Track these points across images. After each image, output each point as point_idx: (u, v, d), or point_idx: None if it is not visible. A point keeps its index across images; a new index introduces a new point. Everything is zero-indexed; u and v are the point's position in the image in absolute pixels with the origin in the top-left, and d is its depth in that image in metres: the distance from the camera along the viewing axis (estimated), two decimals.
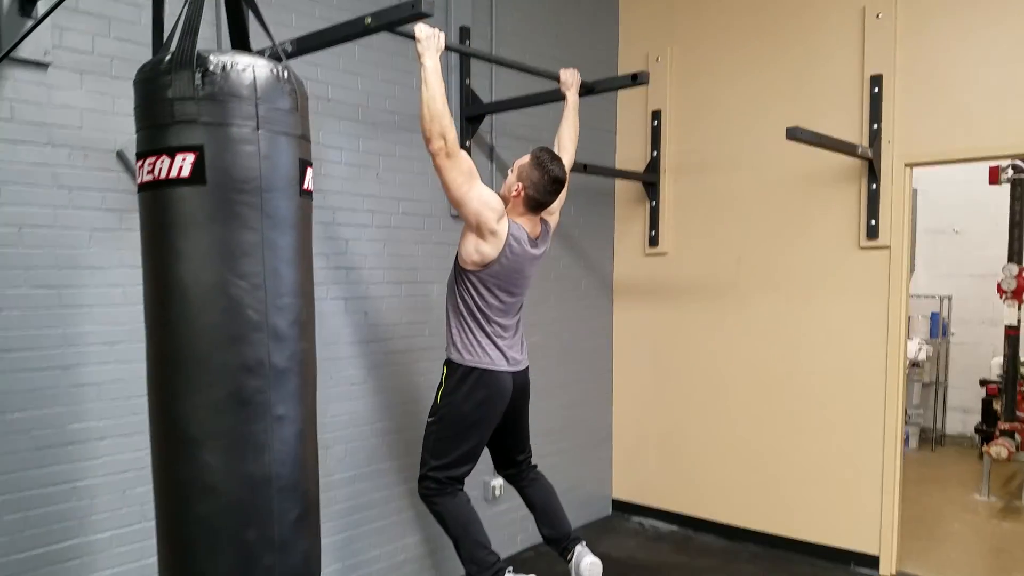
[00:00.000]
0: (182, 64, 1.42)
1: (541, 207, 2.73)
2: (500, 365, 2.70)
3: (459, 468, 2.74)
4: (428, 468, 2.74)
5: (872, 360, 3.58)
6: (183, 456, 1.44)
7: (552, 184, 2.67)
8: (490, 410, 2.71)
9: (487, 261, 2.60)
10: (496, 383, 2.70)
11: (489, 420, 2.74)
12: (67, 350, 2.28)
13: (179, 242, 1.42)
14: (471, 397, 2.68)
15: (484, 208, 2.54)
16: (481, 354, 2.67)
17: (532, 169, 2.66)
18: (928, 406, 6.39)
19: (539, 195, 2.67)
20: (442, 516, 2.75)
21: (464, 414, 2.69)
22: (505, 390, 2.73)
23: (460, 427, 2.70)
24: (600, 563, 2.83)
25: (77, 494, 2.32)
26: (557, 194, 2.73)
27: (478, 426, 2.72)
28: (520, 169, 2.70)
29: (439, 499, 2.74)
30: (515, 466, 3.00)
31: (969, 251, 6.24)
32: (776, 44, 3.82)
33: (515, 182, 2.69)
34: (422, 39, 2.42)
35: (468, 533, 2.71)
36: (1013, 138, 3.21)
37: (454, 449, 2.72)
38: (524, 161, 2.70)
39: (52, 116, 2.25)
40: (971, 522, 4.44)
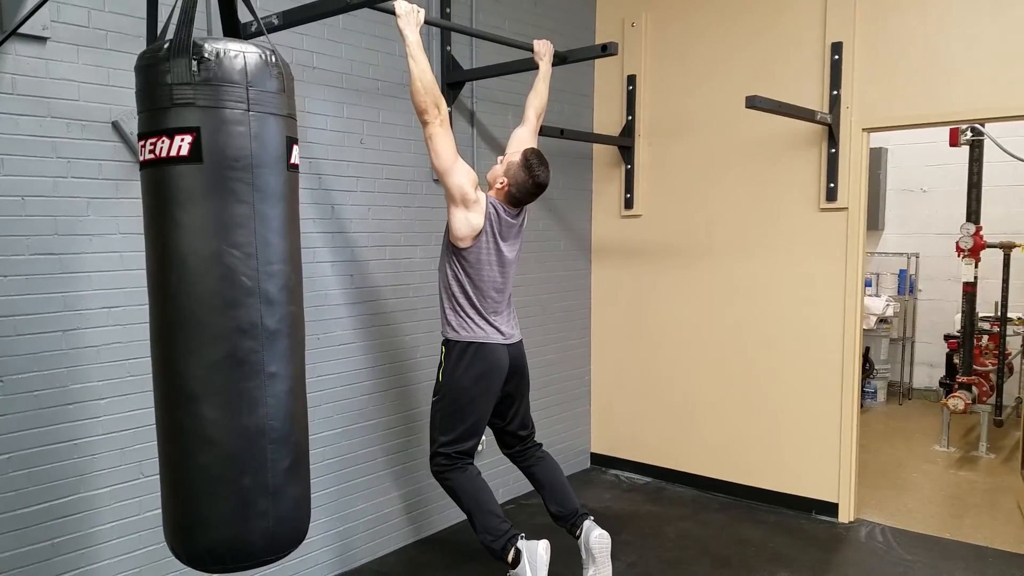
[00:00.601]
0: (179, 52, 1.54)
1: (519, 204, 2.89)
2: (494, 338, 2.85)
3: (466, 442, 2.88)
4: (438, 445, 2.88)
5: (831, 316, 3.77)
6: (185, 411, 1.59)
7: (535, 188, 2.83)
8: (489, 382, 2.86)
9: (477, 230, 2.75)
10: (492, 355, 2.85)
11: (489, 392, 2.88)
12: (68, 314, 2.41)
13: (178, 215, 1.56)
14: (470, 371, 2.82)
15: (465, 179, 2.70)
16: (476, 329, 2.83)
17: (520, 170, 2.80)
18: (896, 361, 6.62)
19: (520, 195, 2.84)
20: (455, 491, 2.89)
21: (465, 388, 2.83)
22: (502, 362, 2.87)
23: (463, 401, 2.84)
24: (608, 535, 2.93)
25: (78, 451, 2.46)
26: (536, 196, 2.89)
27: (479, 399, 2.86)
28: (509, 165, 2.84)
29: (451, 474, 2.87)
30: (520, 443, 3.10)
31: (936, 210, 6.41)
32: (745, 11, 3.93)
33: (502, 175, 2.84)
34: (402, 15, 2.53)
35: (480, 505, 2.84)
36: (966, 104, 3.36)
37: (459, 423, 2.85)
38: (514, 159, 2.83)
39: (51, 89, 2.34)
40: (929, 472, 4.66)
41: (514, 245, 2.93)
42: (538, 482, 3.11)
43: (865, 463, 4.68)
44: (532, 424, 3.16)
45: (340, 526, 3.28)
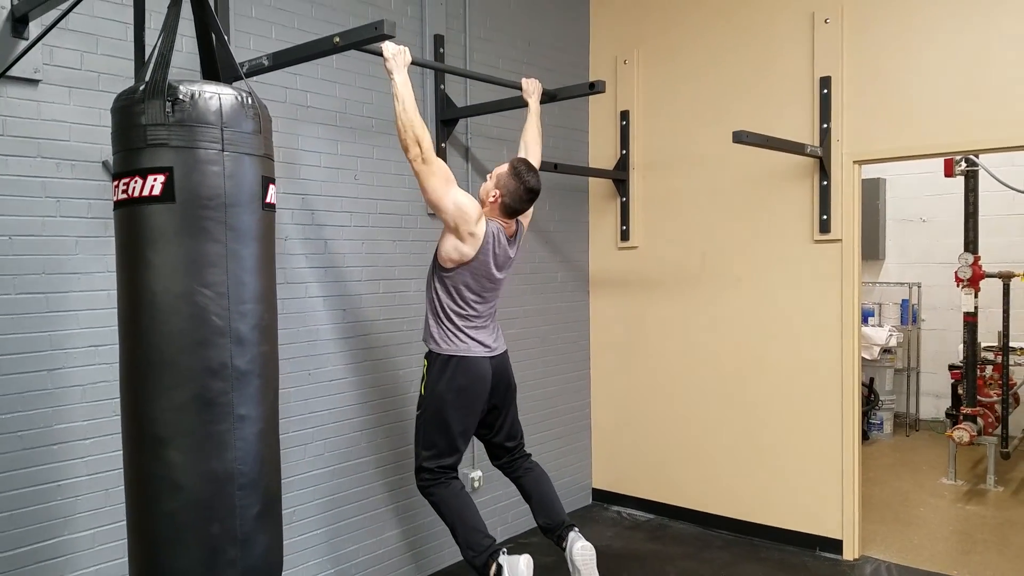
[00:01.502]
0: (154, 94, 1.56)
1: (516, 213, 2.90)
2: (477, 351, 2.85)
3: (450, 456, 2.88)
4: (421, 460, 2.88)
5: (829, 348, 3.73)
6: (151, 454, 1.58)
7: (527, 193, 2.84)
8: (472, 395, 2.86)
9: (466, 259, 2.75)
10: (475, 368, 2.84)
11: (472, 405, 2.88)
12: (54, 353, 2.41)
13: (150, 255, 1.57)
14: (452, 384, 2.82)
15: (460, 214, 2.70)
16: (458, 343, 2.82)
17: (509, 178, 2.82)
18: (901, 391, 6.54)
19: (514, 203, 2.84)
20: (438, 506, 2.88)
21: (448, 401, 2.83)
22: (484, 374, 2.87)
23: (445, 414, 2.84)
24: (592, 547, 2.93)
25: (62, 492, 2.43)
26: (531, 203, 2.90)
27: (462, 412, 2.86)
28: (498, 177, 2.85)
29: (435, 489, 2.87)
30: (508, 454, 3.11)
31: (936, 239, 6.38)
32: (734, 48, 3.96)
33: (492, 188, 2.85)
34: (389, 56, 2.57)
35: (464, 520, 2.84)
36: (956, 135, 3.36)
37: (442, 437, 2.85)
38: (502, 170, 2.85)
39: (42, 130, 2.38)
40: (936, 506, 4.57)
41: (505, 273, 2.92)
42: (526, 493, 3.12)
43: (871, 496, 4.60)
44: (521, 435, 3.15)
45: (331, 568, 3.22)
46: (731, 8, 3.97)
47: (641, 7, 4.31)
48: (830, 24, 3.61)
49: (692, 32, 4.11)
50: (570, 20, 4.39)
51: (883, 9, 3.51)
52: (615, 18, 4.41)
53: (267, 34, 2.95)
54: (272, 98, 2.94)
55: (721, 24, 4.00)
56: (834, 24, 3.60)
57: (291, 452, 3.03)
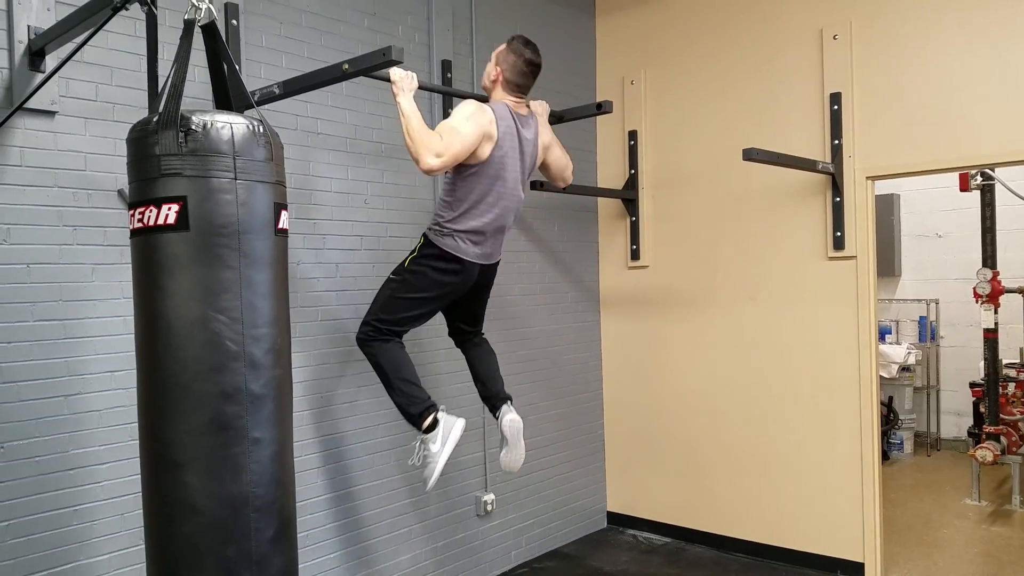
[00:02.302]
0: (167, 124, 1.60)
1: (520, 89, 2.88)
2: (472, 256, 2.81)
3: (402, 326, 2.85)
4: (373, 316, 2.83)
5: (846, 366, 3.70)
6: (168, 478, 1.59)
7: (527, 66, 2.84)
8: (451, 290, 2.84)
9: (481, 159, 2.72)
10: (465, 271, 2.81)
11: (446, 299, 2.87)
12: (71, 379, 2.44)
13: (165, 282, 1.59)
14: (435, 275, 2.79)
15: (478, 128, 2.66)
16: (458, 243, 2.77)
17: (508, 54, 2.84)
18: (921, 410, 6.45)
19: (516, 77, 2.84)
20: (376, 358, 2.83)
21: (424, 286, 2.80)
22: (471, 278, 2.85)
23: (416, 295, 2.81)
24: (520, 420, 2.95)
25: (78, 517, 2.45)
26: (533, 76, 2.88)
27: (433, 300, 2.84)
28: (497, 56, 2.87)
29: (375, 344, 2.82)
30: (464, 335, 3.12)
31: (952, 255, 6.32)
32: (742, 65, 3.98)
33: (493, 68, 2.87)
34: (396, 81, 2.59)
35: (399, 372, 2.79)
36: (971, 149, 3.34)
37: (404, 311, 2.82)
38: (501, 48, 2.87)
39: (58, 160, 2.42)
40: (960, 527, 4.49)
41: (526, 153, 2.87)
42: (471, 364, 3.11)
43: (893, 518, 4.53)
44: (481, 324, 3.13)
45: None
46: (738, 26, 3.99)
47: (647, 28, 4.34)
48: (839, 40, 3.62)
49: (699, 51, 4.13)
50: (576, 42, 4.43)
51: (892, 24, 3.52)
52: (621, 39, 4.45)
53: (278, 63, 3.00)
54: (283, 125, 2.98)
55: (729, 42, 4.02)
56: (843, 40, 3.61)
57: (305, 475, 3.03)
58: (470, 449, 3.73)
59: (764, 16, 3.90)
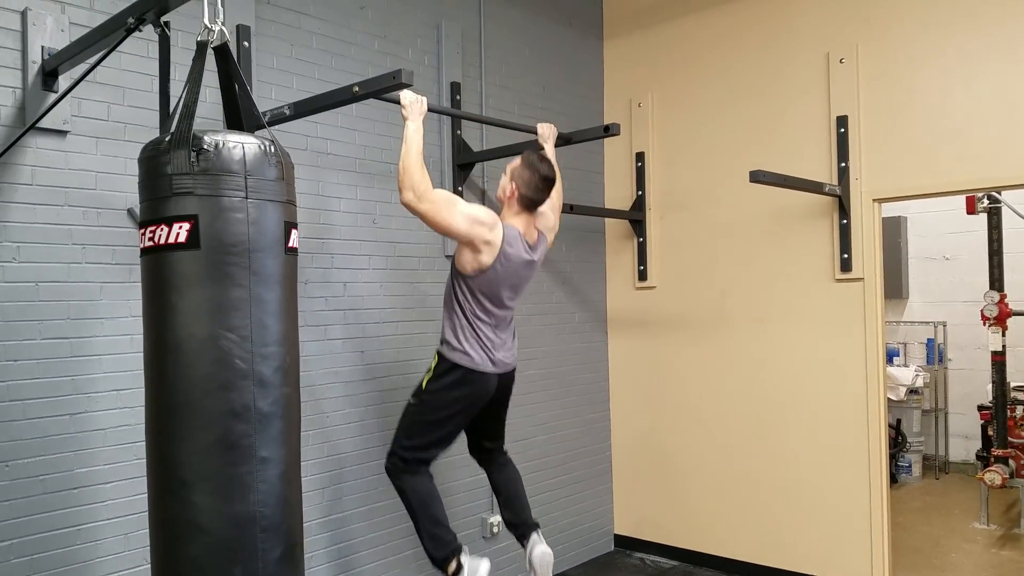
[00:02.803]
0: (179, 144, 1.61)
1: (534, 205, 2.87)
2: (486, 367, 2.79)
3: (428, 452, 2.83)
4: (399, 446, 2.83)
5: (854, 388, 3.67)
6: (175, 497, 1.58)
7: (543, 182, 2.83)
8: (470, 405, 2.82)
9: (484, 267, 2.71)
10: (480, 382, 2.79)
11: (466, 414, 2.84)
12: (77, 397, 2.44)
13: (175, 300, 1.60)
14: (453, 392, 2.77)
15: (473, 225, 2.65)
16: (471, 353, 2.76)
17: (523, 169, 2.82)
18: (929, 433, 6.40)
19: (531, 193, 2.82)
20: (404, 492, 2.82)
21: (444, 405, 2.78)
22: (488, 389, 2.83)
23: (438, 416, 2.79)
24: (551, 553, 2.92)
25: (82, 537, 2.44)
26: (548, 192, 2.88)
27: (455, 418, 2.82)
28: (512, 171, 2.85)
29: (404, 476, 2.81)
30: (486, 452, 3.09)
31: (960, 277, 6.31)
32: (749, 88, 3.99)
33: (508, 183, 2.85)
34: (406, 104, 2.60)
35: (428, 512, 2.78)
36: (977, 171, 3.34)
37: (427, 434, 2.80)
38: (515, 163, 2.86)
39: (69, 179, 2.45)
40: (969, 551, 4.44)
41: (527, 274, 2.88)
42: (496, 488, 3.09)
43: (901, 542, 4.48)
44: (503, 438, 3.11)
45: None
46: (745, 49, 4.02)
47: (654, 50, 4.37)
48: (845, 64, 3.64)
49: (706, 73, 4.16)
50: (584, 65, 4.47)
51: (898, 47, 3.54)
52: (628, 62, 4.48)
53: (289, 84, 3.03)
54: (294, 146, 3.00)
55: (735, 65, 4.05)
56: (849, 64, 3.63)
57: (311, 495, 3.02)
58: (476, 471, 3.69)
59: (771, 40, 3.93)
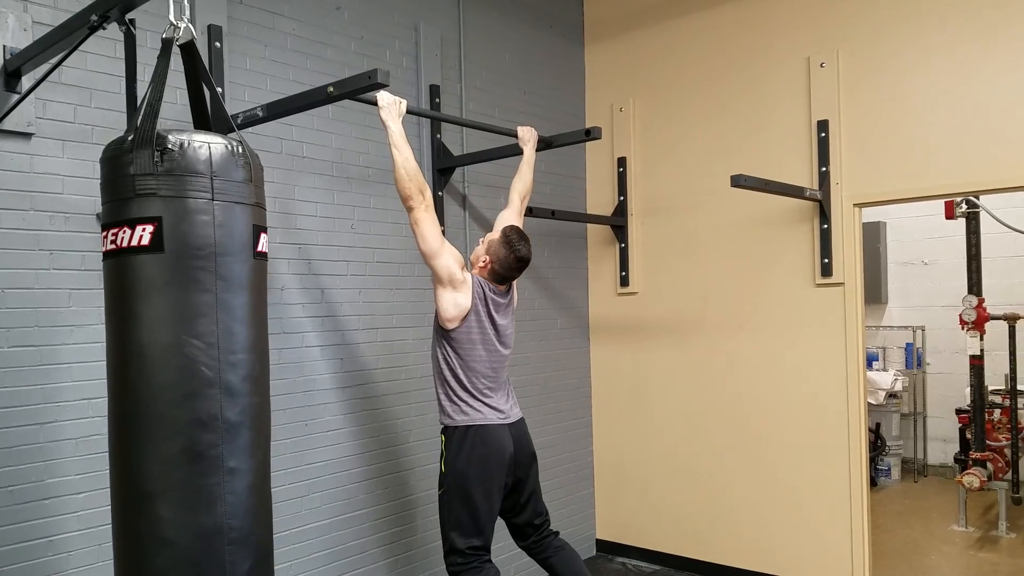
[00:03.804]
0: (143, 143, 1.56)
1: (505, 281, 2.85)
2: (492, 419, 2.74)
3: (479, 535, 2.71)
4: (451, 542, 2.71)
5: (834, 393, 3.67)
6: (140, 510, 1.53)
7: (517, 263, 2.80)
8: (493, 466, 2.72)
9: (465, 311, 2.70)
10: (493, 436, 2.72)
11: (495, 477, 2.73)
12: (46, 406, 2.38)
13: (138, 306, 1.55)
14: (472, 456, 2.69)
15: (452, 260, 2.68)
16: (472, 412, 2.72)
17: (500, 247, 2.78)
18: (908, 436, 6.43)
19: (503, 271, 2.80)
20: None
21: (469, 475, 2.69)
22: (504, 443, 2.75)
23: (469, 490, 2.69)
24: None
25: (53, 548, 2.38)
26: (520, 271, 2.86)
27: (486, 485, 2.71)
28: (489, 244, 2.82)
29: (469, 574, 2.70)
30: (535, 532, 2.94)
31: (939, 282, 6.35)
32: (730, 93, 3.99)
33: (483, 255, 2.83)
34: (384, 106, 2.57)
35: None
36: (956, 176, 3.35)
37: (468, 514, 2.70)
38: (494, 237, 2.82)
39: (35, 183, 2.38)
40: (948, 553, 4.47)
41: (506, 322, 2.86)
42: (557, 575, 2.94)
43: (881, 544, 4.48)
44: (546, 511, 2.99)
45: None
46: (726, 55, 4.01)
47: (635, 56, 4.36)
48: (826, 68, 3.64)
49: (687, 79, 4.16)
50: (565, 69, 4.45)
51: (879, 52, 3.55)
52: (610, 67, 4.47)
53: (262, 86, 2.98)
54: (268, 149, 2.95)
55: (716, 70, 4.05)
56: (830, 68, 3.64)
57: (286, 505, 2.96)
58: None
59: (752, 44, 3.93)
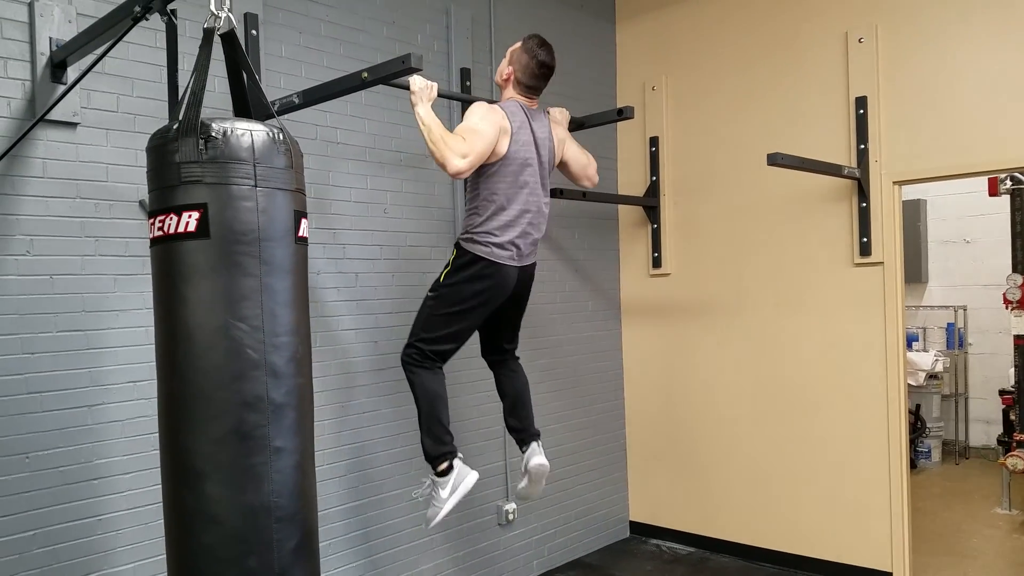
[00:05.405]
0: (188, 132, 1.59)
1: (531, 90, 2.83)
2: (506, 259, 2.74)
3: (445, 345, 2.79)
4: (416, 338, 2.79)
5: (873, 374, 3.63)
6: (189, 488, 1.58)
7: (540, 68, 2.78)
8: (488, 299, 2.77)
9: (499, 154, 2.68)
10: (500, 275, 2.74)
11: (485, 308, 2.79)
12: (94, 389, 2.45)
13: (186, 290, 1.59)
14: (472, 284, 2.73)
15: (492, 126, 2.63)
16: (491, 245, 2.71)
17: (521, 54, 2.78)
18: (949, 418, 6.34)
19: (527, 79, 2.79)
20: (415, 385, 2.79)
21: (462, 298, 2.74)
22: (508, 283, 2.78)
23: (456, 309, 2.75)
24: (547, 465, 2.94)
25: (102, 526, 2.46)
26: (546, 79, 2.83)
27: (473, 311, 2.77)
28: (511, 54, 2.82)
29: (418, 369, 2.78)
30: (500, 353, 3.05)
31: (981, 260, 6.22)
32: (765, 69, 3.93)
33: (506, 67, 2.83)
34: (416, 91, 2.57)
35: (433, 407, 2.76)
36: (999, 152, 3.27)
37: (444, 327, 2.76)
38: (516, 46, 2.82)
39: (80, 171, 2.44)
40: (991, 536, 4.40)
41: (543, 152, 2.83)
42: (503, 392, 3.06)
43: (921, 527, 4.44)
44: (517, 339, 3.07)
45: None
46: (761, 30, 3.95)
47: (667, 33, 4.31)
48: (864, 43, 3.57)
49: (721, 56, 4.10)
50: (596, 49, 4.41)
51: (919, 26, 3.46)
52: (642, 45, 4.42)
53: (297, 72, 3.01)
54: (303, 135, 2.98)
55: (751, 46, 3.98)
56: (868, 43, 3.56)
57: (326, 485, 3.02)
58: (491, 459, 3.71)
59: (787, 20, 3.86)
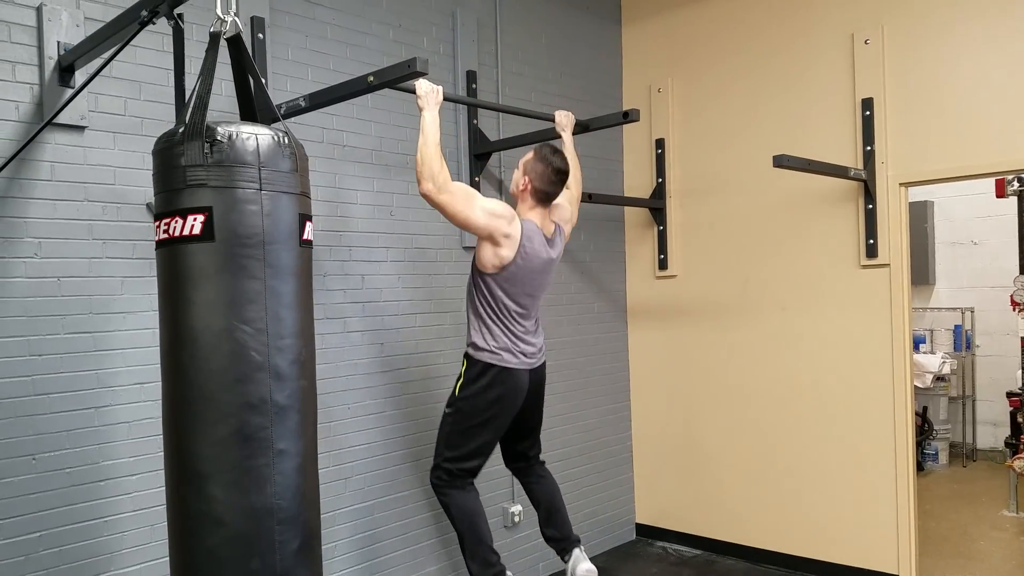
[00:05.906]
0: (193, 135, 1.61)
1: (548, 198, 2.86)
2: (516, 363, 2.78)
3: (471, 461, 2.82)
4: (441, 459, 2.82)
5: (880, 376, 3.62)
6: (193, 490, 1.59)
7: (556, 175, 2.81)
8: (506, 406, 2.79)
9: (505, 263, 2.70)
10: (512, 380, 2.77)
11: (504, 416, 2.81)
12: (100, 391, 2.46)
13: (190, 293, 1.60)
14: (487, 393, 2.76)
15: (492, 218, 2.65)
16: (499, 351, 2.75)
17: (536, 163, 2.81)
18: (957, 420, 6.31)
19: (544, 186, 2.81)
20: (449, 508, 2.82)
21: (480, 409, 2.77)
22: (521, 387, 2.81)
23: (475, 421, 2.78)
24: (596, 571, 2.92)
25: (108, 528, 2.47)
26: (561, 184, 2.86)
27: (493, 421, 2.79)
28: (525, 164, 2.85)
29: (449, 491, 2.81)
30: (524, 460, 3.07)
31: (989, 262, 6.19)
32: (771, 71, 3.93)
33: (521, 177, 2.85)
34: (422, 94, 2.59)
35: (475, 530, 2.79)
36: (1005, 154, 3.26)
37: (468, 442, 2.79)
38: (528, 157, 2.86)
39: (88, 175, 2.46)
40: (998, 539, 4.38)
41: (548, 270, 2.86)
42: (536, 501, 3.08)
43: (928, 530, 4.42)
44: (539, 443, 3.09)
45: None
46: (766, 32, 3.95)
47: (673, 35, 4.31)
48: (870, 44, 3.56)
49: (726, 57, 4.10)
50: (602, 51, 4.42)
51: (925, 28, 3.46)
52: (647, 47, 4.42)
53: (303, 76, 3.02)
54: (310, 138, 2.99)
55: (756, 48, 3.98)
56: (874, 44, 3.55)
57: (331, 487, 3.03)
58: (496, 460, 3.70)
59: (793, 21, 3.85)
